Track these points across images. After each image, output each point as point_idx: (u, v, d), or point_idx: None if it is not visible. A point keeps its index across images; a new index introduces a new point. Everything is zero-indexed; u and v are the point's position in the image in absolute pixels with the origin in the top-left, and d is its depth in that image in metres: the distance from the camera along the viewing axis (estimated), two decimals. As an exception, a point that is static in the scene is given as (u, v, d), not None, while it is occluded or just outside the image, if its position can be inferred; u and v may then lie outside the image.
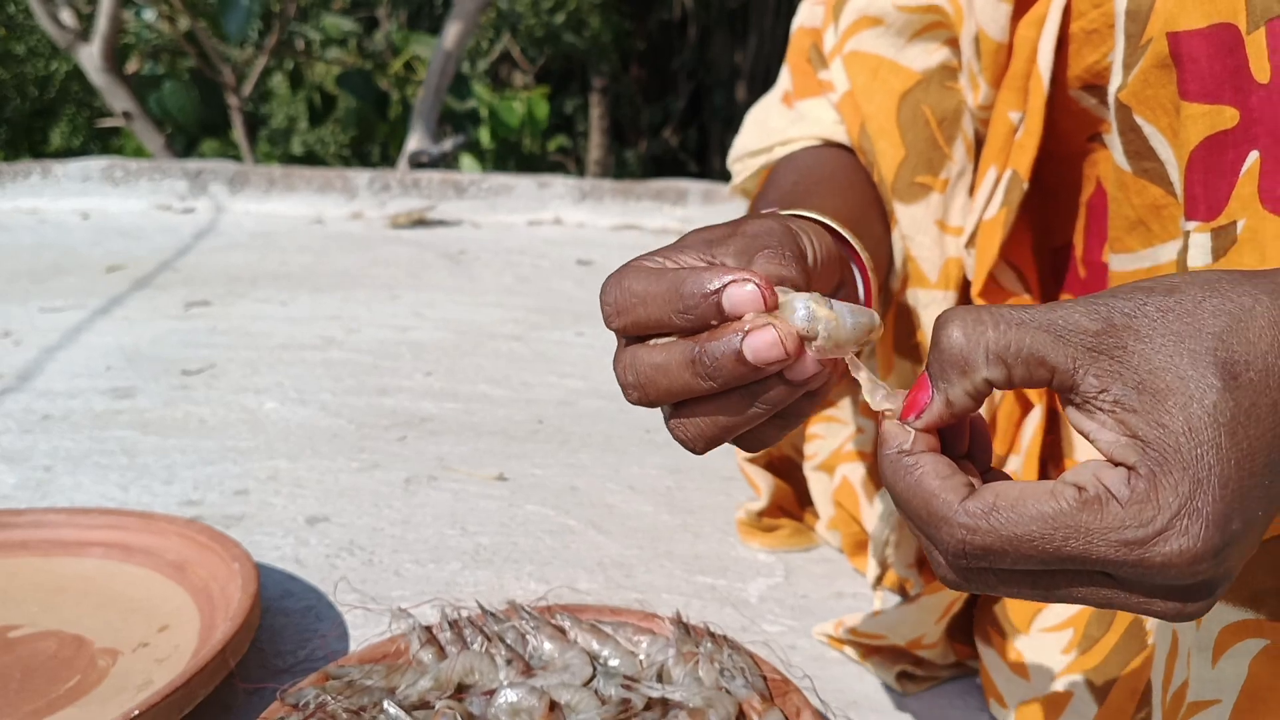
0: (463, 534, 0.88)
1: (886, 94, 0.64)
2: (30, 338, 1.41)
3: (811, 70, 0.71)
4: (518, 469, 1.02)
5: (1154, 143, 0.50)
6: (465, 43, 3.38)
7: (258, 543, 0.85)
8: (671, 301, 0.37)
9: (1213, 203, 0.44)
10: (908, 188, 0.64)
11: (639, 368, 0.38)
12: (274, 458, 1.03)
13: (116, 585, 0.74)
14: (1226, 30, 0.43)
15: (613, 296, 0.39)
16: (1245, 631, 0.42)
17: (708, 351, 0.36)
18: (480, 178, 2.57)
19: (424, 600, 0.75)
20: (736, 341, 0.36)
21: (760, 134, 0.71)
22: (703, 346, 0.36)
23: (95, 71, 3.29)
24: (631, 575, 0.81)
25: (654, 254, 0.40)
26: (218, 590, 0.70)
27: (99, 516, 0.79)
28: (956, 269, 0.65)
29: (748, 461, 0.84)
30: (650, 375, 0.38)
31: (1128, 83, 0.50)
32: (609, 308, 0.39)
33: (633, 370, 0.38)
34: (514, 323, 1.57)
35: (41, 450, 1.03)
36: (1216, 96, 0.44)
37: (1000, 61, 0.61)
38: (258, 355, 1.36)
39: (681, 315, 0.37)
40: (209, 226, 2.29)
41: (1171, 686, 0.45)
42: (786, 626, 0.74)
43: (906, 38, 0.65)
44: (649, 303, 0.38)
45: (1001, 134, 0.61)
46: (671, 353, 0.37)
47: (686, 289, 0.37)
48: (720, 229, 0.41)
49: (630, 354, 0.38)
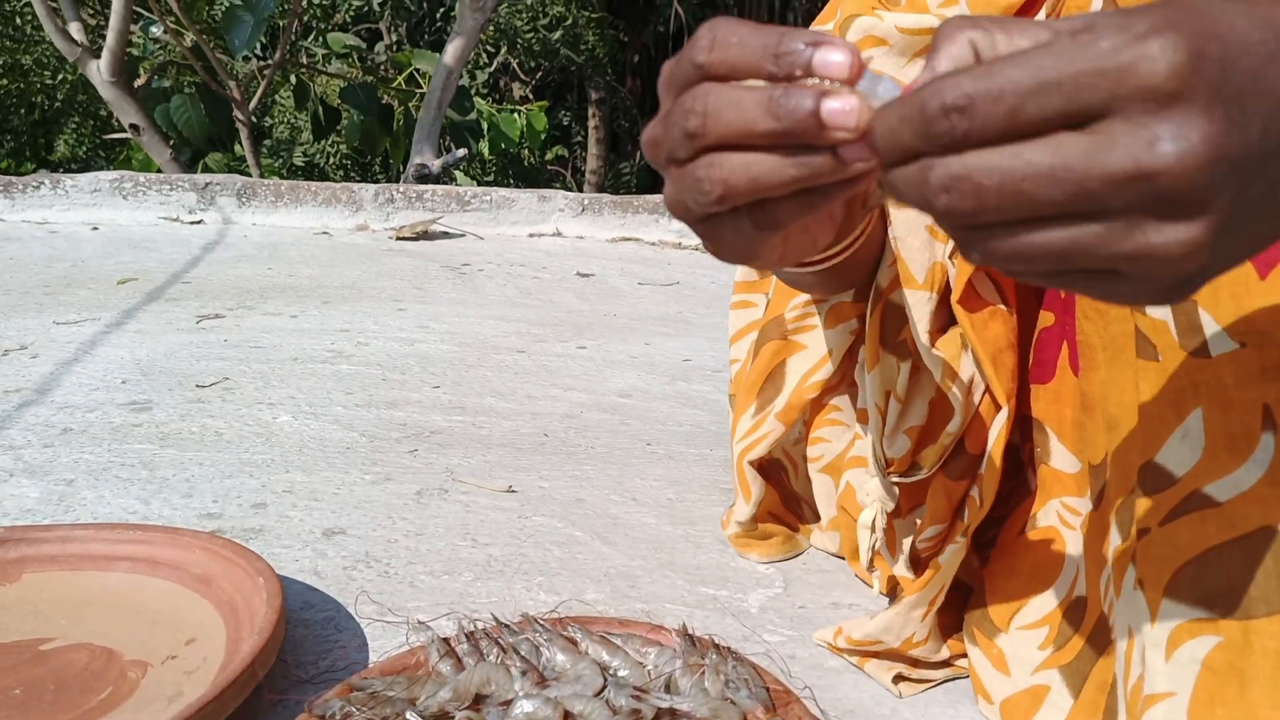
0: (474, 545, 0.91)
1: None
2: (47, 351, 1.44)
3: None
4: (525, 481, 1.05)
5: None
6: (466, 58, 3.42)
7: (277, 555, 0.88)
8: (770, 46, 0.37)
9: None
10: None
11: (712, 99, 0.38)
12: (290, 470, 1.06)
13: (143, 598, 0.77)
14: None
15: (711, 33, 0.39)
16: (1199, 629, 0.46)
17: (790, 93, 0.36)
18: (483, 191, 2.61)
19: (441, 612, 0.78)
20: (817, 97, 0.36)
21: None
22: (782, 92, 0.36)
23: (103, 85, 3.33)
24: (636, 586, 0.84)
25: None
26: (242, 603, 0.73)
27: (125, 531, 0.82)
28: (941, 273, 0.68)
29: (748, 464, 0.87)
30: (719, 106, 0.38)
31: None
32: (704, 40, 0.39)
33: (704, 100, 0.38)
34: (517, 335, 1.61)
35: (63, 464, 1.06)
36: None
37: None
38: (269, 368, 1.39)
39: (772, 61, 0.37)
40: (217, 239, 2.32)
41: (1130, 679, 0.49)
42: (786, 636, 0.77)
43: (908, 58, 0.69)
44: (747, 44, 0.38)
45: None
46: (751, 93, 0.37)
47: (788, 37, 0.37)
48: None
49: (707, 87, 0.39)
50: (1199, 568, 0.47)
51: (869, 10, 0.70)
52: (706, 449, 1.15)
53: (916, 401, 0.71)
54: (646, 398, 1.35)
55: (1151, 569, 0.49)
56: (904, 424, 0.71)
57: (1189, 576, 0.47)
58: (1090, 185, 0.30)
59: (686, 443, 1.18)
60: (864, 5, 0.71)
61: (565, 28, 5.31)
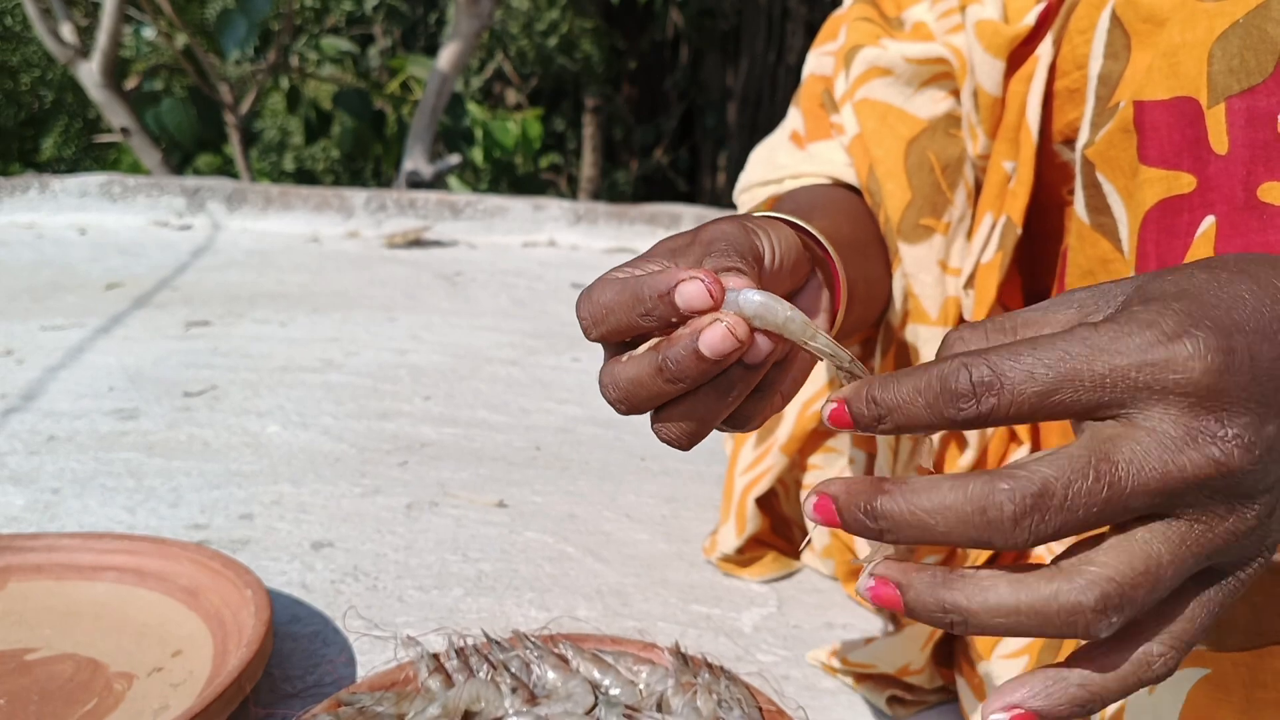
0: (464, 560, 0.90)
1: (894, 139, 0.68)
2: (33, 357, 1.43)
3: (824, 114, 0.74)
4: (517, 495, 1.04)
5: (1110, 200, 0.53)
6: (462, 65, 3.42)
7: (264, 567, 0.87)
8: (634, 306, 0.39)
9: (1164, 260, 0.48)
10: (913, 228, 0.68)
11: (619, 383, 0.40)
12: (278, 482, 1.05)
13: (130, 610, 0.76)
14: (1188, 104, 0.47)
15: (586, 310, 0.41)
16: (1185, 661, 0.45)
17: (670, 356, 0.39)
18: (476, 199, 2.60)
19: (430, 627, 0.77)
20: (693, 341, 0.38)
21: (769, 168, 0.74)
22: (664, 353, 0.39)
23: (94, 87, 3.31)
24: (629, 604, 0.84)
25: (623, 265, 0.43)
26: (230, 616, 0.72)
27: (112, 541, 0.81)
28: (955, 307, 0.68)
29: (754, 499, 0.86)
30: (629, 389, 0.40)
31: (1094, 141, 0.53)
32: (584, 321, 0.41)
33: (614, 385, 0.41)
34: (510, 347, 1.60)
35: (48, 472, 1.05)
36: (1175, 163, 0.47)
37: (996, 114, 0.65)
38: (258, 377, 1.38)
39: (644, 318, 0.39)
40: (206, 244, 2.31)
41: (1110, 709, 0.49)
42: (780, 656, 0.77)
43: (915, 87, 0.69)
44: (616, 311, 0.40)
45: (997, 182, 0.65)
46: (642, 364, 0.40)
47: (644, 292, 0.39)
48: (683, 237, 0.45)
49: (609, 370, 0.41)
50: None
51: (873, 40, 0.70)
52: (702, 465, 1.15)
53: (927, 438, 0.70)
54: (638, 411, 1.34)
55: None
56: (915, 461, 0.70)
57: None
58: (1172, 483, 0.31)
59: (681, 459, 1.17)
60: (868, 35, 0.70)
61: (561, 36, 5.32)
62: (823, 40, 0.79)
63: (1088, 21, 0.56)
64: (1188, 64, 0.46)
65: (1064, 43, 0.60)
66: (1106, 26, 0.53)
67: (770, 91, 5.80)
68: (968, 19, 0.65)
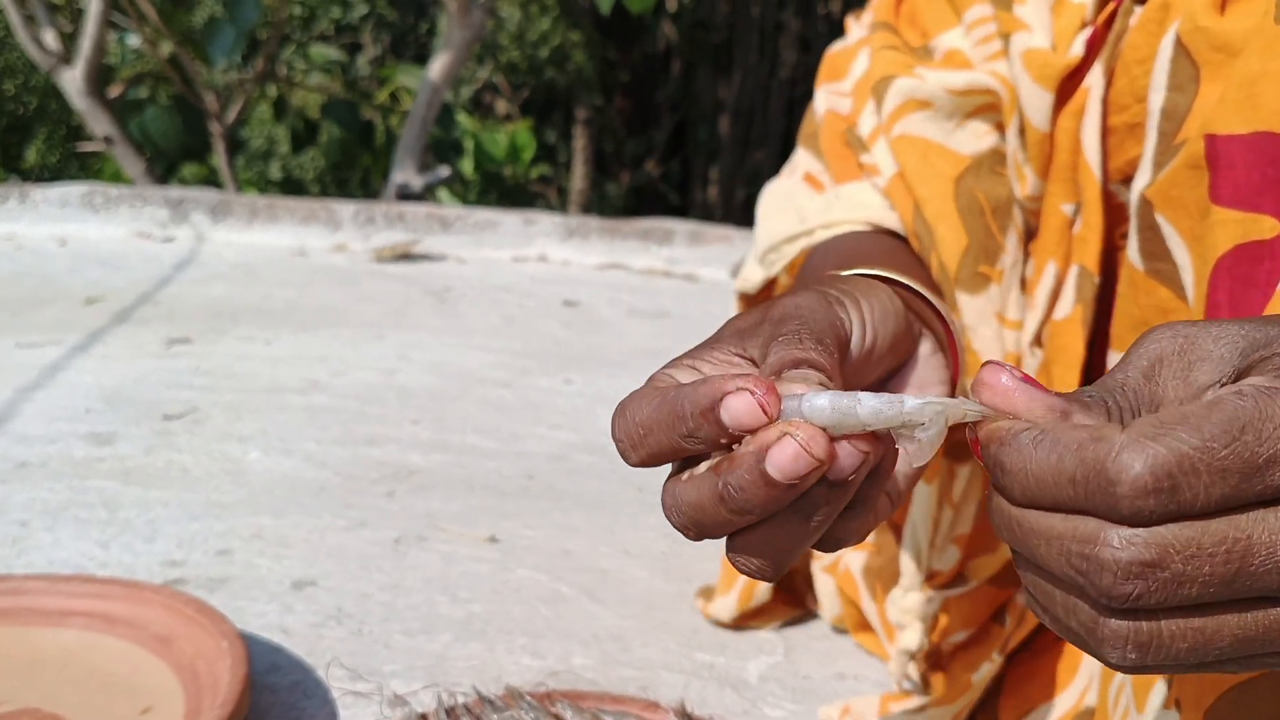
0: (453, 602, 0.86)
1: (940, 178, 0.61)
2: (7, 376, 1.38)
3: (851, 154, 0.67)
4: (509, 529, 1.00)
5: (1171, 244, 0.49)
6: (454, 76, 3.38)
7: (242, 609, 0.82)
8: (675, 425, 0.33)
9: (1240, 312, 0.43)
10: (971, 277, 0.61)
11: (681, 507, 0.34)
12: (258, 514, 1.00)
13: (97, 659, 0.71)
14: (1269, 140, 0.43)
15: (621, 430, 0.35)
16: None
17: (732, 483, 0.32)
18: (466, 212, 2.56)
19: (417, 676, 0.73)
20: (758, 464, 0.31)
21: (795, 219, 0.66)
22: (724, 479, 0.32)
23: (77, 95, 3.25)
24: (628, 650, 0.80)
25: (672, 363, 0.37)
26: (204, 668, 0.68)
27: (80, 584, 0.76)
28: (1015, 364, 0.63)
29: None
30: (694, 515, 0.34)
31: (1155, 180, 0.49)
32: (621, 444, 0.35)
33: (677, 512, 0.34)
34: (502, 368, 1.56)
35: (17, 502, 1.00)
36: (1254, 205, 0.43)
37: (1045, 152, 0.59)
38: (241, 399, 1.33)
39: (688, 439, 0.33)
40: (189, 257, 2.26)
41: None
42: (789, 711, 0.73)
43: (956, 121, 0.62)
44: (655, 431, 0.34)
45: (1055, 226, 0.59)
46: (702, 490, 0.33)
47: (685, 409, 0.33)
48: (753, 314, 0.38)
49: (670, 489, 0.35)
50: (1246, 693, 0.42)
51: (905, 70, 0.63)
52: (697, 495, 1.11)
53: (968, 507, 0.66)
54: (634, 437, 1.30)
55: (1193, 689, 0.44)
56: (955, 531, 0.66)
57: (1231, 701, 0.42)
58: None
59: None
60: (898, 64, 0.64)
61: (553, 47, 5.28)
62: (829, 78, 0.72)
63: (1146, 50, 0.51)
64: (1269, 95, 0.42)
65: (1118, 73, 0.54)
66: (1170, 56, 0.48)
67: (763, 105, 5.78)
68: (1013, 47, 0.59)
